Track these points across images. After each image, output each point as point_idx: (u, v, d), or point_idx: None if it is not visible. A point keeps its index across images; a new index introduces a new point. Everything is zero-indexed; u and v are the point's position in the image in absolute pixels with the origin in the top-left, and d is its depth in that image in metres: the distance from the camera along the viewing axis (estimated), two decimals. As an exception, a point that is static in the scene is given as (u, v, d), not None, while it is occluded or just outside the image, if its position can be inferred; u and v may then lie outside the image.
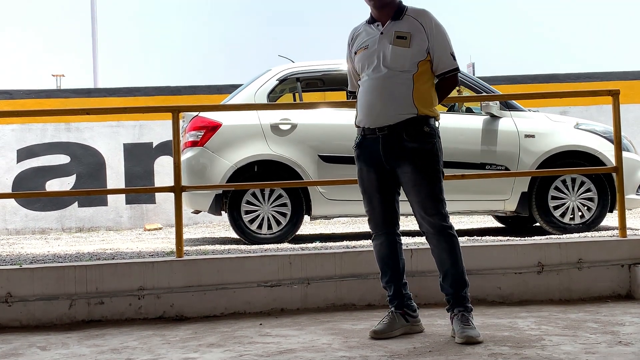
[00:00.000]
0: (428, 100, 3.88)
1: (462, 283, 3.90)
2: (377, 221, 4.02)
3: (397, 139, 3.86)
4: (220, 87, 11.45)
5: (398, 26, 3.88)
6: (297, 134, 7.14)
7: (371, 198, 4.01)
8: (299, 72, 7.55)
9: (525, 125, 7.25)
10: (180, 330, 4.29)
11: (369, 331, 3.94)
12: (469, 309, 3.89)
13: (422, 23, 3.87)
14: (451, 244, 3.89)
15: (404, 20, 3.89)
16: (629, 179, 6.98)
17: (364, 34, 3.99)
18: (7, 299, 4.58)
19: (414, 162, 3.85)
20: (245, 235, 7.01)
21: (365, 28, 4.00)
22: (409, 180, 3.87)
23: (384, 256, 4.04)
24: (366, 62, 3.93)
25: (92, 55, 18.57)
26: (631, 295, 4.93)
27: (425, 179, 3.86)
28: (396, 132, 3.85)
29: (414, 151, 3.84)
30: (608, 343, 3.63)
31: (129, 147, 11.37)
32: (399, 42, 3.84)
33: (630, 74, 12.06)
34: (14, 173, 11.19)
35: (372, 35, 3.94)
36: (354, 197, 7.06)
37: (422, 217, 3.90)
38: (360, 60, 3.96)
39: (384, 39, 3.88)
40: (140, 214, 11.27)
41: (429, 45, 3.85)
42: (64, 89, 12.58)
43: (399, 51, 3.84)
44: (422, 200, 3.86)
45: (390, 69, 3.84)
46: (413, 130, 3.84)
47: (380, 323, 3.96)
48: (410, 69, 3.83)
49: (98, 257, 5.77)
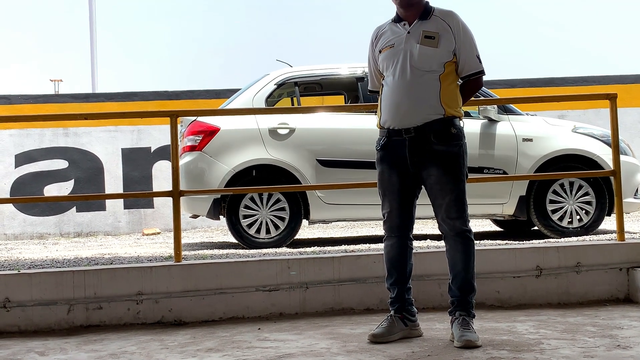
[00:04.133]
0: (454, 101, 3.88)
1: (470, 287, 3.91)
2: (393, 223, 4.01)
3: (425, 141, 3.83)
4: (218, 92, 11.46)
5: (426, 26, 3.86)
6: (295, 138, 7.15)
7: (390, 201, 3.98)
8: (297, 77, 7.56)
9: (523, 129, 7.26)
10: (178, 335, 4.29)
11: (368, 335, 3.94)
12: (471, 314, 3.89)
13: (449, 24, 3.86)
14: (467, 248, 3.91)
15: (431, 20, 3.88)
16: (627, 183, 6.99)
17: (389, 32, 3.95)
18: (5, 304, 4.58)
19: (442, 164, 3.84)
20: (244, 240, 7.01)
21: (391, 27, 3.96)
22: (435, 182, 3.86)
23: (393, 258, 4.03)
24: (392, 61, 3.88)
25: (90, 60, 18.58)
26: (629, 298, 4.93)
27: (451, 182, 3.86)
28: (423, 133, 3.83)
29: (442, 154, 3.84)
30: (606, 347, 3.63)
31: (127, 151, 11.37)
32: (427, 41, 3.83)
33: (628, 77, 12.08)
34: (12, 178, 11.18)
35: (399, 34, 3.90)
36: (352, 201, 7.11)
37: (444, 219, 3.91)
38: (385, 59, 3.92)
39: (411, 38, 3.86)
40: (138, 219, 11.27)
41: (456, 47, 3.85)
42: (62, 94, 12.59)
43: (427, 51, 3.82)
44: (447, 203, 3.86)
45: (418, 68, 3.82)
46: (440, 131, 3.83)
47: (379, 327, 3.96)
48: (437, 69, 3.82)
49: (96, 262, 5.76)
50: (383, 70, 3.95)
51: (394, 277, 4.03)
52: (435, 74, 3.82)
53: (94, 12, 18.69)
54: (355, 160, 7.13)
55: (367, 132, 7.20)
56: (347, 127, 7.26)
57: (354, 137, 7.23)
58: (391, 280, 4.04)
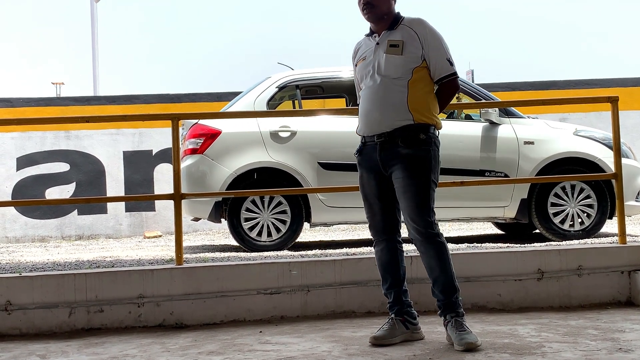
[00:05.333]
0: (424, 107, 3.90)
1: (452, 289, 3.90)
2: (378, 227, 4.05)
3: (393, 144, 3.91)
4: (220, 95, 11.46)
5: (391, 35, 3.96)
6: (297, 141, 7.15)
7: (371, 204, 4.05)
8: (298, 80, 7.56)
9: (525, 132, 7.25)
10: (180, 338, 4.29)
11: (369, 337, 3.94)
12: (460, 314, 3.89)
13: (415, 31, 3.92)
14: (439, 251, 3.89)
15: (397, 30, 3.96)
16: (628, 186, 6.99)
17: (363, 46, 4.10)
18: (6, 307, 4.58)
19: (406, 167, 3.87)
20: (245, 243, 7.01)
21: (365, 40, 4.10)
22: (400, 185, 3.90)
23: (385, 263, 4.07)
24: (364, 72, 4.02)
25: (92, 63, 18.59)
26: (631, 301, 4.92)
27: (415, 185, 3.87)
28: (392, 138, 3.90)
29: (407, 157, 3.87)
30: (608, 350, 3.62)
31: (128, 154, 11.38)
32: (392, 50, 3.90)
33: (629, 80, 12.08)
34: (13, 181, 11.19)
35: (369, 47, 4.03)
36: (353, 204, 7.09)
37: (410, 224, 3.93)
38: (360, 71, 4.07)
39: (379, 48, 3.96)
40: (139, 222, 11.27)
41: (424, 52, 3.89)
42: (64, 97, 12.59)
43: (392, 59, 3.90)
44: (410, 207, 3.87)
45: (384, 76, 3.90)
46: (408, 137, 3.87)
47: (380, 329, 3.96)
48: (403, 75, 3.87)
49: (98, 265, 5.76)
50: (359, 82, 4.10)
51: (389, 281, 4.06)
52: (402, 81, 3.88)
53: (96, 16, 18.71)
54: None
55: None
56: (349, 130, 7.23)
57: (355, 140, 7.20)
58: (386, 285, 4.07)
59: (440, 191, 6.97)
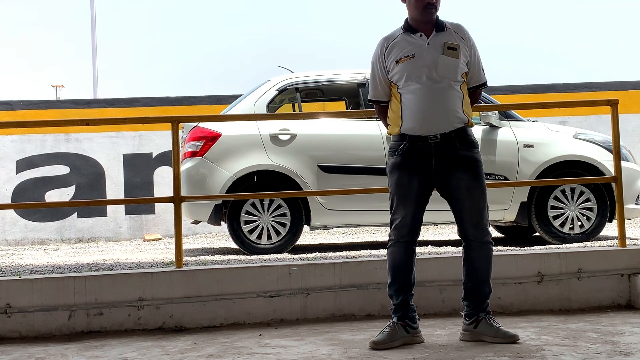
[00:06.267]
0: (471, 111, 4.05)
1: (490, 290, 4.06)
2: (406, 228, 4.00)
3: (451, 147, 3.92)
4: (219, 98, 11.46)
5: (446, 37, 3.97)
6: (297, 144, 7.15)
7: (406, 205, 3.98)
8: (298, 83, 7.57)
9: (525, 135, 7.26)
10: (179, 341, 4.29)
11: (369, 342, 3.94)
12: (490, 312, 4.04)
13: (462, 36, 4.00)
14: (490, 254, 4.03)
15: (447, 33, 3.99)
16: (628, 189, 6.98)
17: (403, 43, 3.99)
18: (6, 310, 4.57)
19: (470, 169, 3.95)
20: (245, 246, 7.00)
21: (405, 37, 4.01)
22: (463, 187, 3.94)
23: (400, 264, 4.02)
24: (414, 71, 3.94)
25: (92, 66, 18.61)
26: (631, 305, 4.92)
27: (479, 187, 3.98)
28: (449, 140, 3.92)
29: (468, 159, 3.95)
30: (608, 353, 3.62)
31: (128, 157, 11.38)
32: (449, 52, 3.94)
33: (629, 83, 12.08)
34: (13, 184, 11.19)
35: (418, 45, 3.96)
36: (353, 207, 7.11)
37: (469, 226, 3.98)
38: (405, 69, 3.95)
39: (432, 49, 3.94)
40: (139, 225, 11.27)
41: (469, 58, 4.00)
42: (64, 100, 12.60)
43: (450, 61, 3.93)
44: (475, 209, 3.96)
45: (443, 78, 3.92)
46: (464, 139, 3.96)
47: (380, 334, 3.96)
48: (459, 79, 3.96)
49: (97, 267, 5.76)
50: (399, 80, 3.98)
51: (399, 283, 4.02)
52: (457, 84, 3.96)
53: (95, 18, 18.73)
54: (357, 166, 7.14)
55: (368, 138, 7.21)
56: (348, 133, 7.27)
57: (355, 143, 7.23)
58: (395, 286, 4.03)
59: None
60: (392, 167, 4.03)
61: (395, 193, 4.02)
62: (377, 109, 4.18)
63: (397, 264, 4.03)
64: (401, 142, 3.98)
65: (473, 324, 3.99)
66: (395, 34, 4.06)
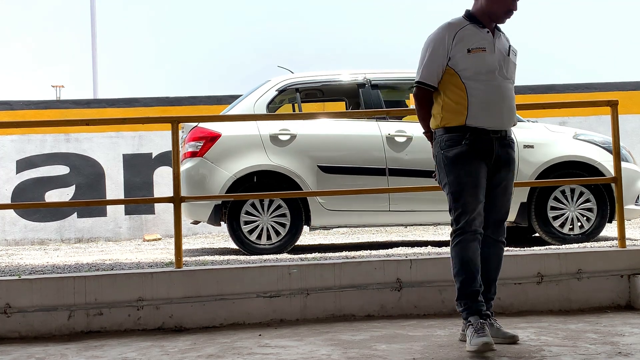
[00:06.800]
0: None
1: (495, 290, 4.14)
2: (479, 218, 3.93)
3: (505, 144, 4.00)
4: (219, 98, 11.46)
5: (506, 41, 4.07)
6: (297, 144, 7.15)
7: (478, 195, 3.93)
8: (298, 83, 7.57)
9: (524, 135, 7.25)
10: (179, 341, 4.29)
11: (479, 345, 3.69)
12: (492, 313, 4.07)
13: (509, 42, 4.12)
14: (502, 253, 4.12)
15: (503, 36, 4.08)
16: (628, 190, 6.98)
17: (474, 34, 3.95)
18: (6, 310, 4.57)
19: (512, 169, 4.06)
20: (245, 246, 7.00)
21: (474, 29, 3.96)
22: (504, 185, 4.01)
23: (475, 257, 3.91)
24: (486, 65, 3.92)
25: (92, 66, 18.60)
26: (631, 305, 4.92)
27: (512, 187, 4.09)
28: (505, 137, 4.00)
29: (512, 159, 4.05)
30: (608, 354, 3.62)
31: (128, 157, 11.38)
32: (512, 56, 4.06)
33: (629, 84, 12.08)
34: (13, 184, 11.19)
35: (487, 40, 3.97)
36: (353, 207, 7.11)
37: (501, 224, 4.03)
38: (478, 61, 3.91)
39: (498, 48, 3.99)
40: (139, 225, 11.27)
41: None
42: (64, 100, 12.60)
43: (513, 64, 4.06)
44: (504, 206, 4.04)
45: (509, 78, 4.01)
46: (512, 138, 4.06)
47: (484, 335, 3.74)
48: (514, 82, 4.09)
49: (97, 267, 5.76)
50: (467, 71, 3.90)
51: (478, 277, 3.91)
52: (514, 86, 4.08)
53: (95, 18, 18.73)
54: (356, 167, 7.14)
55: (368, 138, 7.21)
56: (348, 133, 7.27)
57: (355, 144, 7.23)
58: (475, 282, 3.89)
59: (440, 195, 6.98)
60: (457, 157, 3.92)
61: (466, 182, 3.91)
62: (422, 92, 4.02)
63: (472, 256, 3.90)
64: (464, 133, 3.91)
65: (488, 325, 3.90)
66: (462, 22, 3.98)
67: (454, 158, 3.93)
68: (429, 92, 4.01)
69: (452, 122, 3.93)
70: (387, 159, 7.13)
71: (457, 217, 3.93)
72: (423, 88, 4.01)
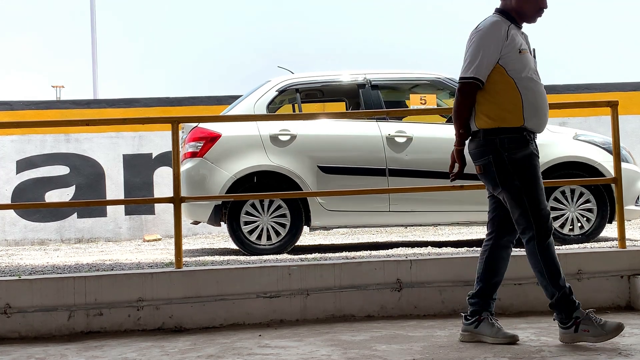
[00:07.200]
0: None
1: None
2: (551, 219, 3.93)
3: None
4: (219, 98, 11.46)
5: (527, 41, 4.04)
6: (297, 144, 7.15)
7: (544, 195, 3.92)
8: (298, 83, 7.57)
9: (524, 136, 7.24)
10: (179, 342, 4.29)
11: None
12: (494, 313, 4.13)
13: None
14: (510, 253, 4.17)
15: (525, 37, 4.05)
16: (628, 190, 6.98)
17: (518, 35, 3.94)
18: (6, 310, 4.57)
19: None
20: (245, 246, 7.00)
21: (516, 31, 3.95)
22: None
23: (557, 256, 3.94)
24: (529, 66, 3.90)
25: (92, 67, 18.61)
26: (631, 306, 4.92)
27: None
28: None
29: None
30: (608, 354, 3.62)
31: (128, 158, 11.38)
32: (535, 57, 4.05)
33: (629, 85, 12.08)
34: (13, 184, 11.18)
35: (525, 41, 3.97)
36: (353, 207, 7.11)
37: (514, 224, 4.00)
38: (526, 62, 3.89)
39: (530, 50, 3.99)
40: (139, 225, 11.27)
41: None
42: (64, 100, 12.60)
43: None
44: None
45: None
46: None
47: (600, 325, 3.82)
48: None
49: (97, 268, 5.76)
50: (519, 71, 3.86)
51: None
52: None
53: (95, 19, 18.73)
54: (356, 167, 7.14)
55: (368, 138, 7.21)
56: (348, 133, 7.27)
57: (355, 144, 7.23)
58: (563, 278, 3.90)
59: (440, 195, 7.02)
60: (527, 159, 3.86)
61: (538, 183, 3.87)
62: (470, 87, 3.88)
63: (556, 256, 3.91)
64: (526, 134, 3.88)
65: (474, 323, 3.97)
66: (506, 21, 3.91)
67: (524, 160, 3.85)
68: (477, 89, 3.88)
69: (512, 122, 3.84)
70: (387, 160, 7.12)
71: (542, 219, 3.84)
72: (474, 84, 3.87)
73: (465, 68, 3.89)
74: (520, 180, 3.84)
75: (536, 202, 3.84)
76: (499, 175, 3.88)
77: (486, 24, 3.90)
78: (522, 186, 3.84)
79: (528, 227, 3.85)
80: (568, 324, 3.84)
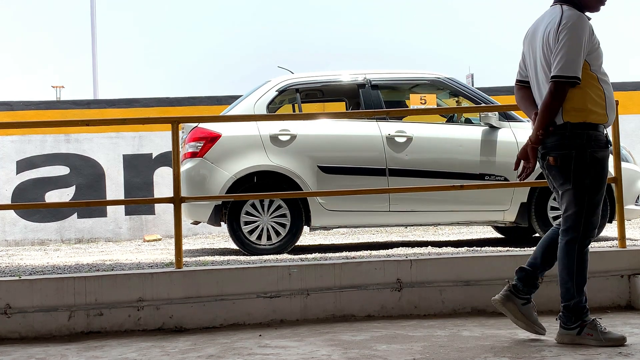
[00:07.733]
0: None
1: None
2: None
3: None
4: (219, 98, 11.47)
5: None
6: (297, 144, 7.15)
7: None
8: (298, 83, 7.57)
9: (524, 135, 7.22)
10: (179, 342, 4.29)
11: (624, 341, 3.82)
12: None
13: None
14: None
15: None
16: (628, 190, 6.98)
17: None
18: (6, 311, 4.57)
19: None
20: (245, 246, 7.01)
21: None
22: None
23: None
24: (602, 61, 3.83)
25: (92, 67, 18.62)
26: (631, 305, 4.92)
27: None
28: None
29: None
30: (608, 354, 3.62)
31: (128, 158, 11.38)
32: None
33: (629, 84, 12.08)
34: (13, 184, 11.19)
35: None
36: (353, 207, 7.11)
37: None
38: (602, 57, 3.82)
39: None
40: (139, 225, 11.27)
41: None
42: (64, 101, 12.60)
43: None
44: None
45: None
46: None
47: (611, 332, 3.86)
48: None
49: (97, 268, 5.76)
50: (595, 65, 3.77)
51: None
52: None
53: (95, 19, 18.73)
54: (357, 167, 7.14)
55: (368, 138, 7.21)
56: (348, 133, 7.28)
57: (355, 144, 7.23)
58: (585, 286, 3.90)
59: (440, 195, 7.02)
60: (604, 160, 3.79)
61: (603, 188, 3.80)
62: (569, 86, 3.71)
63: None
64: (605, 132, 3.81)
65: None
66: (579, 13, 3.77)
67: (602, 161, 3.78)
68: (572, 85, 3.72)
69: (597, 118, 3.75)
70: (387, 159, 7.13)
71: (592, 225, 3.81)
72: (573, 84, 3.71)
73: (564, 66, 3.67)
74: (591, 180, 3.75)
75: (595, 207, 3.79)
76: (575, 171, 3.75)
77: (574, 18, 3.72)
78: (590, 186, 3.75)
79: (575, 228, 3.80)
80: (572, 325, 3.83)
